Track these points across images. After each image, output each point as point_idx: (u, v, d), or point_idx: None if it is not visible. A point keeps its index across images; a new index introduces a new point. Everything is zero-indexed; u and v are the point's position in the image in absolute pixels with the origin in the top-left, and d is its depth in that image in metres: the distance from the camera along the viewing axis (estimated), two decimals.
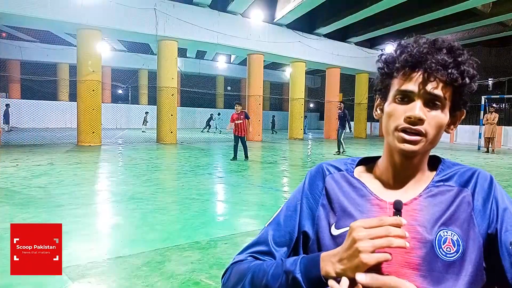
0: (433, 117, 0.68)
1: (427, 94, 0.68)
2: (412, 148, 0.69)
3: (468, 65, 0.68)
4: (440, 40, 0.70)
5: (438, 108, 0.68)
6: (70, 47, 21.53)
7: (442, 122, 0.69)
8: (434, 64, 0.66)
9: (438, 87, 0.67)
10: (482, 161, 10.46)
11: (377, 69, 0.76)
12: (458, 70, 0.67)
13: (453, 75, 0.66)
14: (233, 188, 6.04)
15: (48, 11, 11.66)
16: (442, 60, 0.67)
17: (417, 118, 0.67)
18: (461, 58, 0.68)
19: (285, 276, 0.66)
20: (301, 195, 0.81)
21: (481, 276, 0.67)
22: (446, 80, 0.67)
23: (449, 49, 0.68)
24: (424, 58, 0.67)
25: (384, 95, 0.75)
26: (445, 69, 0.66)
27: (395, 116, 0.70)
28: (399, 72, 0.70)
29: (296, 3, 14.93)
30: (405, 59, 0.69)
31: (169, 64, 14.55)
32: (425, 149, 0.70)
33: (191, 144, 14.58)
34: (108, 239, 3.50)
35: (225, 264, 0.77)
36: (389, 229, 0.58)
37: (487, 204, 0.70)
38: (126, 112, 25.82)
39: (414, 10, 15.82)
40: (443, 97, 0.68)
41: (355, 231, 0.60)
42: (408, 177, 0.75)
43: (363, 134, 22.42)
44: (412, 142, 0.68)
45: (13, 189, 5.32)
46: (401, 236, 0.58)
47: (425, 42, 0.69)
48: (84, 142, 12.52)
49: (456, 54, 0.68)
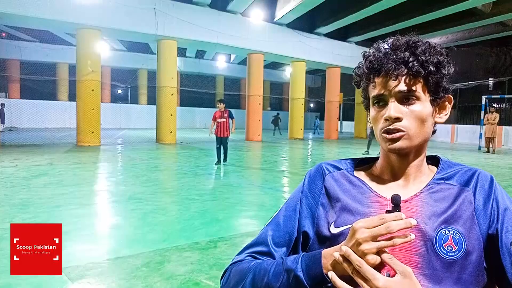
0: (410, 111, 0.70)
1: (396, 93, 0.70)
2: (397, 145, 0.71)
3: (429, 53, 0.70)
4: (396, 39, 0.73)
5: (414, 101, 0.70)
6: (70, 46, 21.51)
7: (422, 113, 0.71)
8: (392, 64, 0.69)
9: (404, 83, 0.70)
10: (483, 161, 10.46)
11: (353, 83, 0.80)
12: (418, 62, 0.69)
13: (414, 67, 0.69)
14: (233, 188, 6.04)
15: (47, 11, 11.65)
16: (400, 58, 0.69)
17: (392, 118, 0.70)
18: (419, 49, 0.70)
19: (287, 275, 0.66)
20: (301, 195, 0.81)
21: (481, 276, 0.67)
22: (410, 75, 0.69)
23: (407, 45, 0.71)
24: (382, 61, 0.70)
25: (368, 104, 0.79)
26: (405, 65, 0.69)
27: (377, 121, 0.73)
28: (369, 81, 0.74)
29: (296, 3, 14.92)
30: (368, 68, 0.73)
31: (168, 63, 14.54)
32: (413, 143, 0.71)
33: (190, 144, 14.58)
34: (108, 240, 3.50)
35: (225, 264, 0.76)
36: (390, 225, 0.58)
37: (488, 204, 0.70)
38: (125, 112, 25.83)
39: (414, 10, 15.82)
40: (413, 90, 0.70)
41: (358, 233, 0.60)
42: (408, 175, 0.75)
43: (364, 134, 22.42)
44: (395, 139, 0.70)
45: (13, 189, 5.31)
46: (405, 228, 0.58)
47: (384, 46, 0.73)
48: (83, 142, 12.51)
49: (413, 47, 0.70)
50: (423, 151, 0.76)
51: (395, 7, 15.30)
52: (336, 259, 0.61)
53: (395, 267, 0.58)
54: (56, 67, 24.40)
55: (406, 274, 0.58)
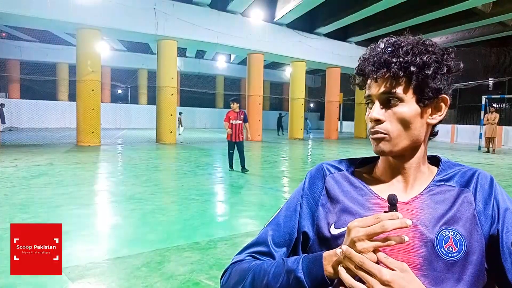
0: (393, 113, 0.70)
1: (378, 95, 0.71)
2: (380, 147, 0.71)
3: (412, 54, 0.69)
4: (384, 41, 0.73)
5: (397, 103, 0.70)
6: (70, 46, 21.52)
7: (404, 115, 0.70)
8: (370, 67, 0.71)
9: (384, 85, 0.70)
10: (483, 161, 10.46)
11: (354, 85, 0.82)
12: (398, 63, 0.68)
13: (392, 69, 0.69)
14: (233, 188, 6.04)
15: (48, 11, 11.64)
16: (381, 59, 0.70)
17: (372, 120, 0.71)
18: (402, 50, 0.69)
19: (287, 276, 0.66)
20: (301, 195, 0.81)
21: (482, 277, 0.67)
22: (391, 77, 0.69)
23: (392, 47, 0.71)
24: (366, 64, 0.72)
25: None
26: (386, 67, 0.69)
27: (367, 121, 0.75)
28: (364, 83, 0.76)
29: (296, 3, 14.92)
30: (356, 71, 0.76)
31: (168, 63, 14.54)
32: (397, 146, 0.71)
33: (190, 144, 14.58)
34: (108, 240, 3.50)
35: (225, 264, 0.76)
36: (384, 224, 0.58)
37: (488, 205, 0.70)
38: (125, 112, 25.82)
39: (414, 10, 15.81)
40: (397, 93, 0.69)
41: (353, 232, 0.60)
42: (407, 176, 0.75)
43: (364, 134, 22.41)
44: (376, 140, 0.72)
45: (13, 189, 5.31)
46: (400, 227, 0.58)
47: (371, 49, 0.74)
48: (83, 142, 12.50)
49: (396, 48, 0.70)
50: (421, 152, 0.74)
51: (395, 7, 15.30)
52: (338, 255, 0.61)
53: (392, 265, 0.58)
54: (56, 67, 24.40)
55: (404, 269, 0.58)
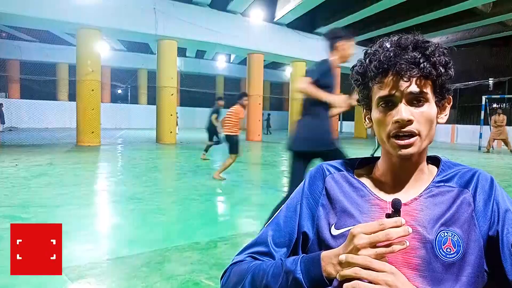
0: (420, 113, 0.68)
1: (407, 94, 0.68)
2: (409, 151, 0.69)
3: (438, 54, 0.68)
4: (404, 38, 0.70)
5: (423, 103, 0.69)
6: (70, 46, 21.50)
7: (431, 115, 0.69)
8: (404, 65, 0.66)
9: (415, 84, 0.68)
10: (483, 161, 10.46)
11: (353, 82, 0.76)
12: (429, 63, 0.67)
13: (426, 69, 0.67)
14: (233, 188, 6.04)
15: (48, 11, 11.64)
16: (411, 58, 0.67)
17: (405, 121, 0.67)
18: (429, 50, 0.68)
19: (286, 276, 0.66)
20: (301, 196, 0.81)
21: (481, 277, 0.67)
22: (421, 76, 0.67)
23: (415, 45, 0.69)
24: (393, 61, 0.67)
25: (368, 104, 0.76)
26: (417, 66, 0.67)
27: (384, 123, 0.70)
28: (374, 80, 0.70)
29: (296, 3, 14.92)
30: (375, 67, 0.69)
31: (168, 63, 14.53)
32: (423, 146, 0.70)
33: (190, 144, 14.57)
34: (108, 240, 3.49)
35: (225, 264, 0.76)
36: (389, 233, 0.58)
37: (488, 206, 0.70)
38: (125, 112, 25.82)
39: (414, 10, 15.81)
40: (424, 92, 0.68)
41: (357, 238, 0.60)
42: (408, 177, 0.74)
43: (364, 134, 22.41)
44: (408, 145, 0.68)
45: (13, 189, 5.31)
46: (403, 235, 0.58)
47: (391, 45, 0.70)
48: (83, 142, 12.50)
49: (423, 48, 0.68)
50: (425, 153, 0.75)
51: (395, 7, 15.28)
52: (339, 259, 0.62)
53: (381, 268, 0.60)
54: (56, 67, 24.39)
55: (394, 271, 0.59)
